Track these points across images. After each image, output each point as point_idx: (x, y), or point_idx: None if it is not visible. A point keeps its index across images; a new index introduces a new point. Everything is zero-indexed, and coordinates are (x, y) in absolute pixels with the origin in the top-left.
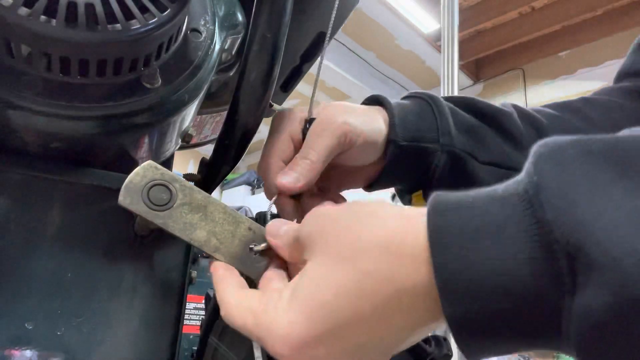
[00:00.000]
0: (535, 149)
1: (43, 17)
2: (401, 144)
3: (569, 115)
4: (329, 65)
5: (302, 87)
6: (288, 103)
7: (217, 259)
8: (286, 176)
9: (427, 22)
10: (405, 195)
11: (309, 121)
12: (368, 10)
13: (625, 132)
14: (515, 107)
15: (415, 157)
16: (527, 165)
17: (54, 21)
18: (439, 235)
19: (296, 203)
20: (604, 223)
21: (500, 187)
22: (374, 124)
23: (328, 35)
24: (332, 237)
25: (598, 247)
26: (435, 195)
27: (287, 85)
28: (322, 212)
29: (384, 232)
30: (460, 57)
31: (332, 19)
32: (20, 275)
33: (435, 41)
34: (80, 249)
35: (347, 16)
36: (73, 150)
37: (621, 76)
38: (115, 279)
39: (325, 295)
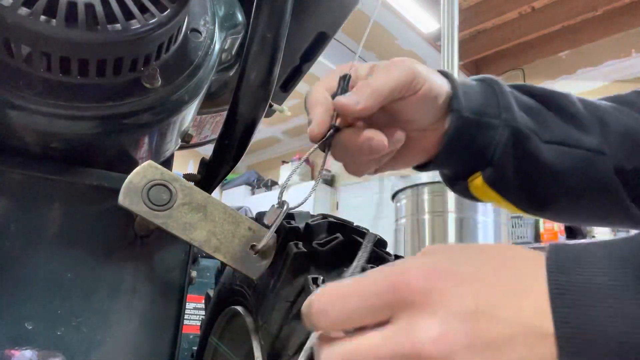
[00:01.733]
0: None
1: (43, 17)
2: (465, 114)
3: (626, 108)
4: (329, 65)
5: (302, 87)
6: (288, 103)
7: (217, 259)
8: (345, 97)
9: (427, 22)
10: (458, 182)
11: (343, 77)
12: (368, 10)
13: None
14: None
15: (476, 131)
16: None
17: (54, 21)
18: (561, 292)
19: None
20: None
21: (616, 245)
22: (439, 77)
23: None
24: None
25: None
26: (553, 247)
27: (287, 85)
28: (441, 268)
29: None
30: (460, 57)
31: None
32: (20, 275)
33: (435, 41)
34: (80, 249)
35: (347, 16)
36: (73, 150)
37: None
38: (115, 279)
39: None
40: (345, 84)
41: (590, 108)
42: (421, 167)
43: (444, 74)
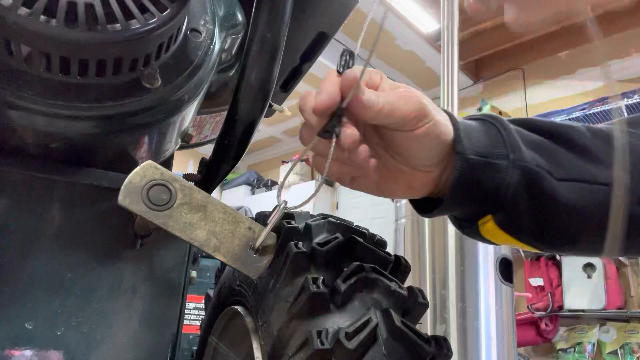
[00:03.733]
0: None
1: (43, 17)
2: (470, 157)
3: (637, 131)
4: (329, 65)
5: (302, 87)
6: (288, 103)
7: (217, 259)
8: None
9: (427, 22)
10: (467, 225)
11: (350, 53)
12: (368, 10)
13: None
14: (582, 124)
15: (484, 173)
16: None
17: (53, 21)
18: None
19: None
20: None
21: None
22: (445, 117)
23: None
24: None
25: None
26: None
27: (287, 85)
28: None
29: None
30: (460, 57)
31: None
32: (20, 275)
33: (435, 41)
34: (80, 249)
35: (346, 16)
36: (73, 150)
37: None
38: (115, 279)
39: None
40: (350, 60)
41: (601, 136)
42: (427, 213)
43: (446, 113)
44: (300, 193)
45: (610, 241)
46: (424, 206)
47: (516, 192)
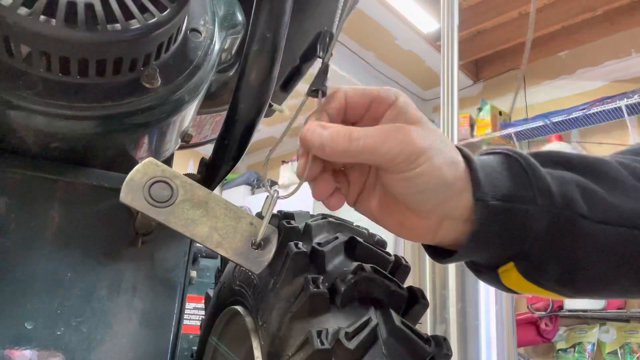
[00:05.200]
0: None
1: (43, 17)
2: (491, 203)
3: None
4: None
5: (302, 87)
6: (288, 103)
7: (219, 255)
8: (317, 127)
9: (427, 22)
10: (487, 272)
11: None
12: (368, 10)
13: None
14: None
15: (508, 220)
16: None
17: (53, 21)
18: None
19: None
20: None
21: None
22: (449, 156)
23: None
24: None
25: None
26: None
27: (287, 85)
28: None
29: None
30: (460, 57)
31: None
32: (20, 275)
33: (435, 41)
34: (80, 249)
35: (347, 16)
36: (73, 150)
37: None
38: (115, 279)
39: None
40: (323, 74)
41: (631, 172)
42: (442, 259)
43: (460, 150)
44: (300, 193)
45: None
46: (437, 251)
47: (544, 239)
